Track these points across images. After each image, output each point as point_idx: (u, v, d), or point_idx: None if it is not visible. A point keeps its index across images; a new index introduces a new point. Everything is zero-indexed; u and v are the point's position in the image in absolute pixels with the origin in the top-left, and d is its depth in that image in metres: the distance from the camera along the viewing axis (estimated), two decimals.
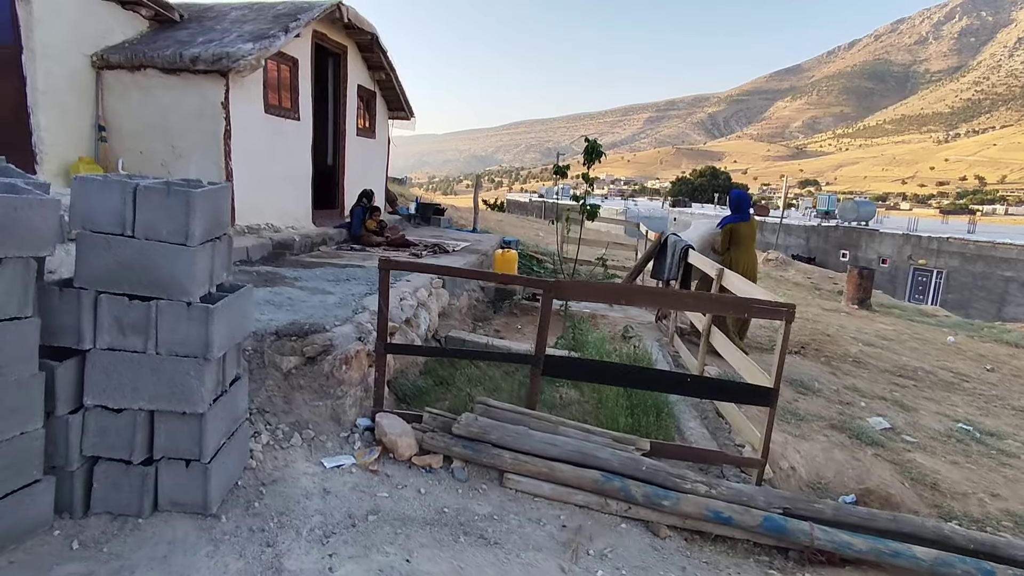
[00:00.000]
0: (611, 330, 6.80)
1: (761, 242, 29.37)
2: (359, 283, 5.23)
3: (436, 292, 5.82)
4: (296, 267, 5.84)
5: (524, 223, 23.43)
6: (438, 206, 11.34)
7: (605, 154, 5.87)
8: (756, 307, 3.15)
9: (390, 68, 9.54)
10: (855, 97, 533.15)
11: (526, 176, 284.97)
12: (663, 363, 5.19)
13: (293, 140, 7.37)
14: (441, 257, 7.50)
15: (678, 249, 6.01)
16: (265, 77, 6.66)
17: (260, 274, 5.23)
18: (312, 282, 5.09)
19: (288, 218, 7.40)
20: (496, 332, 6.41)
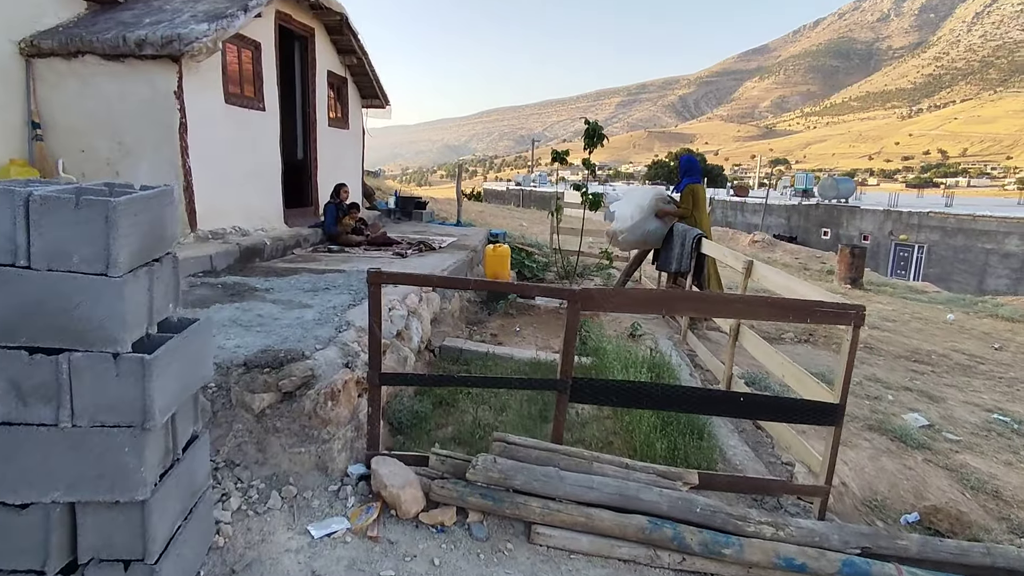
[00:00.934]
0: (616, 327, 6.31)
1: (743, 223, 29.22)
2: (340, 292, 4.62)
3: (427, 297, 5.24)
4: (268, 275, 5.19)
5: (505, 212, 22.83)
6: (419, 199, 10.69)
7: (607, 137, 5.33)
8: (821, 311, 2.65)
9: (362, 52, 8.83)
10: (821, 75, 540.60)
11: (500, 164, 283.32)
12: (684, 369, 4.70)
13: (259, 132, 6.67)
14: (428, 256, 6.90)
15: (689, 239, 5.50)
16: (224, 63, 5.94)
17: (226, 286, 4.58)
18: (286, 293, 4.46)
19: (257, 219, 6.71)
20: (493, 337, 5.86)
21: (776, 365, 3.40)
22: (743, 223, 29.25)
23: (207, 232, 5.76)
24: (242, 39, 6.27)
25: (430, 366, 4.85)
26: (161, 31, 5.12)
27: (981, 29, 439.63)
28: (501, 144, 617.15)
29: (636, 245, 6.89)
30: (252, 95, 6.57)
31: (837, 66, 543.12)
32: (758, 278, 3.99)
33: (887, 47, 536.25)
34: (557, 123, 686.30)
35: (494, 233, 9.88)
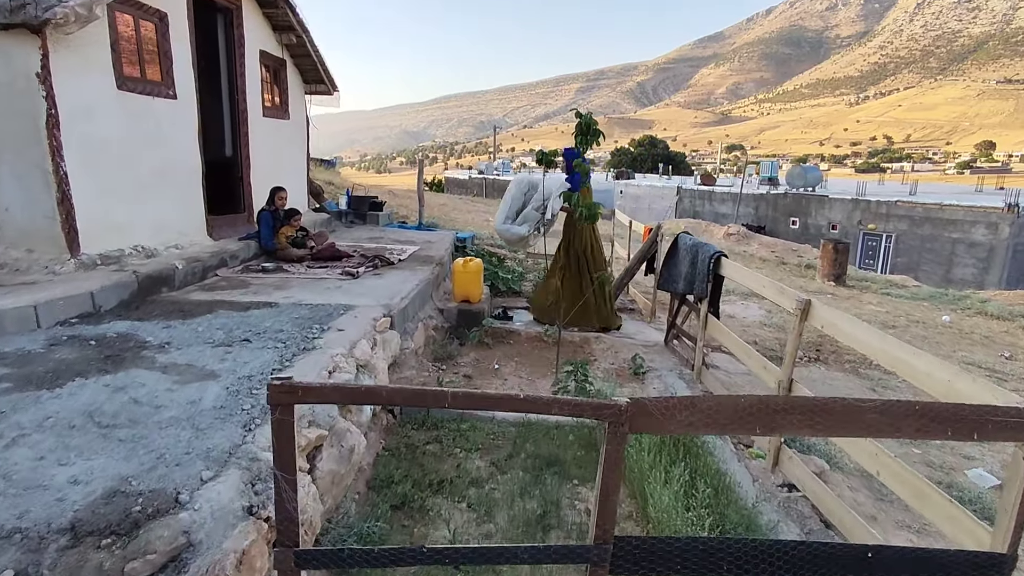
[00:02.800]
0: (612, 360, 5.31)
1: (711, 212, 28.75)
2: (264, 344, 3.45)
3: (383, 339, 4.11)
4: (170, 317, 3.96)
5: (469, 205, 21.62)
6: (374, 199, 9.44)
7: (603, 134, 4.29)
8: (996, 421, 1.68)
9: (302, 28, 7.52)
10: (774, 63, 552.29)
11: (461, 151, 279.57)
12: (728, 453, 3.72)
13: (168, 125, 5.36)
14: (385, 274, 5.74)
15: (706, 257, 4.52)
16: (114, 37, 4.62)
17: (104, 342, 3.35)
18: (187, 352, 3.27)
19: (170, 233, 5.43)
20: (467, 379, 4.77)
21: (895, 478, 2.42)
22: (711, 213, 28.75)
23: (95, 256, 4.47)
24: (140, 7, 4.95)
25: (388, 434, 3.74)
26: None
27: (922, 19, 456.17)
28: (461, 130, 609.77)
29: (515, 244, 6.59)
30: (158, 79, 5.25)
31: (789, 54, 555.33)
32: (822, 324, 3.03)
33: (835, 36, 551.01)
34: (517, 109, 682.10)
35: (461, 237, 8.75)
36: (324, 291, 4.93)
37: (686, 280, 4.97)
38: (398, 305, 4.61)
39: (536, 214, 6.14)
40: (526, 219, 6.23)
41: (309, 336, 3.63)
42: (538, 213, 6.11)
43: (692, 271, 4.84)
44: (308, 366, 3.13)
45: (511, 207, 6.37)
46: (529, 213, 6.23)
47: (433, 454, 3.49)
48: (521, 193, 6.40)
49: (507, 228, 6.18)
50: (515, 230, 6.13)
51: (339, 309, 4.32)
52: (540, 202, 6.08)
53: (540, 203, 6.08)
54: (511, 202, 6.38)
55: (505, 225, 6.23)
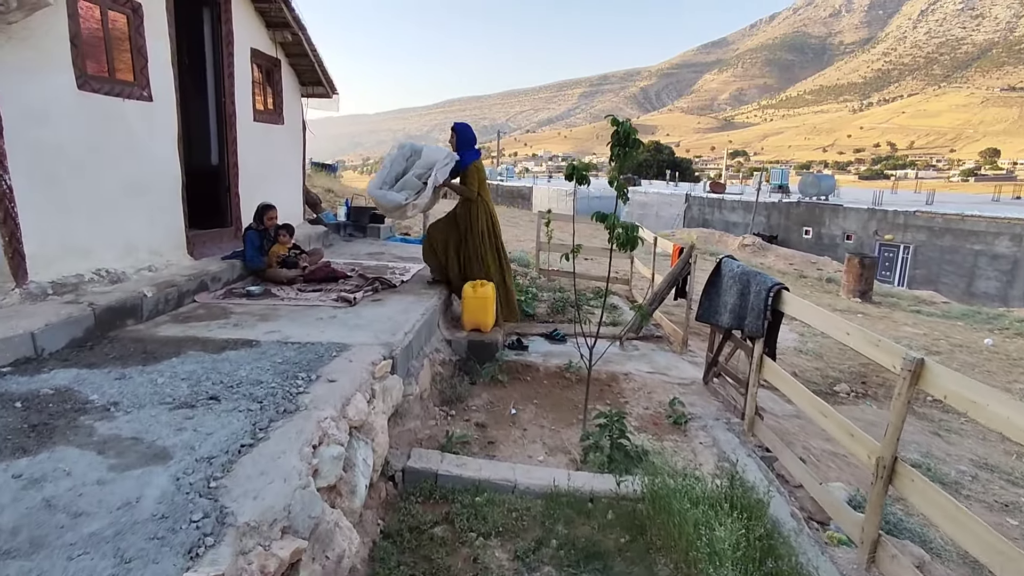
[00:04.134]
0: (646, 404, 4.63)
1: (721, 221, 28.09)
2: (237, 401, 2.79)
3: (382, 389, 3.45)
4: (129, 361, 3.30)
5: None
6: (375, 210, 8.77)
7: (643, 143, 3.63)
8: None
9: (298, 25, 6.88)
10: (777, 69, 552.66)
11: None
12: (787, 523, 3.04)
13: (142, 130, 4.71)
14: (387, 299, 5.08)
15: (761, 290, 3.85)
16: (75, 29, 3.98)
17: (34, 402, 2.69)
18: (139, 415, 2.61)
19: (141, 254, 4.77)
20: (481, 431, 4.09)
21: None
22: (721, 222, 28.06)
23: (46, 285, 3.81)
24: None
25: (388, 509, 3.07)
26: None
27: (926, 26, 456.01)
28: None
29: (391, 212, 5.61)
30: (129, 78, 4.60)
31: (792, 60, 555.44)
32: (944, 394, 2.36)
33: (839, 42, 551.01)
34: (520, 113, 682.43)
35: None
36: (316, 323, 4.27)
37: (733, 313, 4.29)
38: (401, 342, 3.94)
39: (417, 182, 5.35)
40: (405, 186, 5.38)
41: (292, 391, 2.96)
42: (419, 182, 5.35)
43: (741, 303, 4.17)
44: (287, 438, 2.46)
45: (389, 172, 5.48)
46: (409, 180, 5.38)
47: (442, 541, 2.82)
48: (403, 158, 5.53)
49: (383, 194, 5.35)
50: (391, 197, 5.31)
51: (332, 349, 3.65)
52: (424, 169, 5.35)
53: (424, 171, 5.35)
54: (390, 166, 5.52)
55: (381, 191, 5.37)
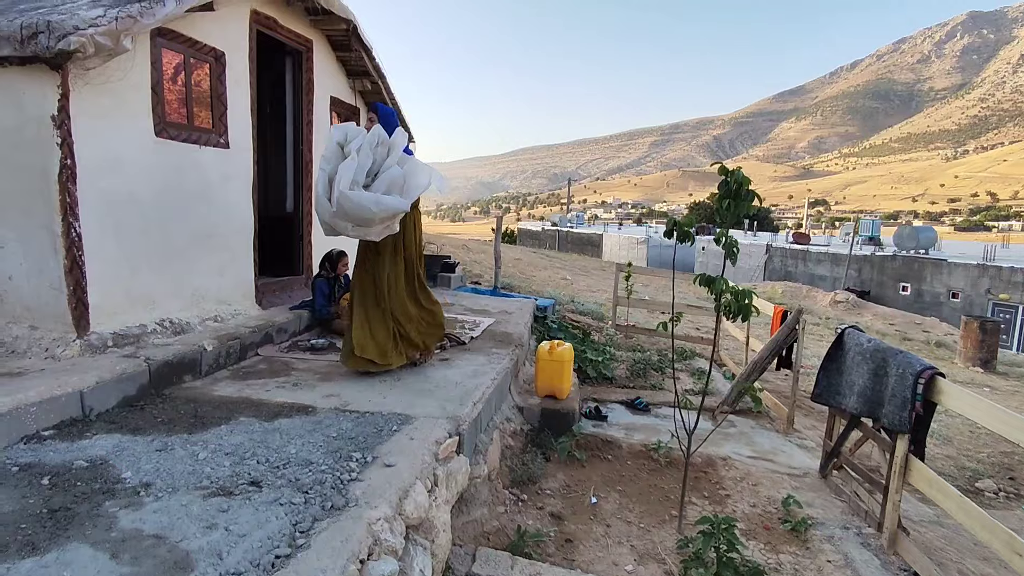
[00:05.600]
0: (752, 500, 3.90)
1: (805, 274, 26.41)
2: (279, 490, 2.39)
3: (446, 474, 2.97)
4: (176, 426, 3.01)
5: (544, 261, 20.63)
6: (447, 259, 8.54)
7: (759, 196, 3.09)
8: None
9: (377, 74, 6.86)
10: (860, 117, 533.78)
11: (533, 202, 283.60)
12: None
13: (217, 178, 4.63)
14: (455, 358, 4.66)
15: (907, 373, 3.13)
16: (156, 77, 3.95)
17: (63, 477, 2.39)
18: (169, 504, 2.25)
19: (208, 303, 4.62)
20: (556, 523, 3.52)
21: None
22: (805, 274, 26.38)
23: (107, 336, 3.65)
24: (193, 45, 4.29)
25: None
26: (27, 19, 3.12)
27: None
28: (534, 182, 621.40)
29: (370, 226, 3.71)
30: (208, 125, 4.56)
31: (876, 107, 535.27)
32: None
33: (928, 88, 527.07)
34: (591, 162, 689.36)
35: (542, 306, 7.64)
36: (378, 386, 3.89)
37: (862, 397, 3.56)
38: (469, 415, 3.47)
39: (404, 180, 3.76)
40: (394, 187, 3.69)
41: (344, 478, 2.54)
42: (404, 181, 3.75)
43: (877, 387, 3.44)
44: (331, 548, 2.02)
45: (361, 166, 3.61)
46: (395, 175, 3.68)
47: None
48: (370, 145, 3.69)
49: (374, 199, 3.55)
50: (389, 203, 3.58)
51: (392, 421, 3.23)
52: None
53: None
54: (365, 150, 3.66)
55: (370, 194, 3.56)
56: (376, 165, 3.73)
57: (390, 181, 3.68)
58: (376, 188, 3.64)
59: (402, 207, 3.68)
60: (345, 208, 3.55)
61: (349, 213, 3.57)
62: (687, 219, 3.18)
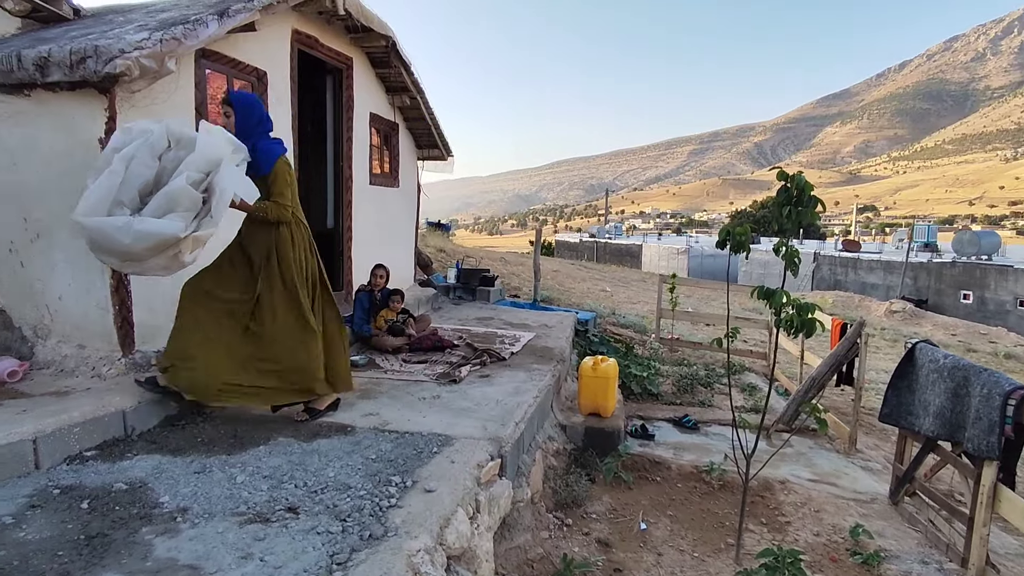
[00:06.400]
0: (815, 528, 3.62)
1: (856, 283, 25.36)
2: (316, 517, 2.30)
3: (490, 495, 2.84)
4: (215, 447, 2.97)
5: (582, 272, 20.39)
6: (486, 272, 8.46)
7: (822, 202, 2.88)
8: None
9: (416, 90, 6.88)
10: (909, 119, 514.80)
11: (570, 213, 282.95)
12: None
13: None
14: (495, 375, 4.54)
15: (994, 393, 2.85)
16: (199, 98, 4.00)
17: (102, 501, 2.36)
18: (205, 530, 2.18)
19: None
20: (603, 548, 3.33)
21: None
22: (856, 283, 25.30)
23: (151, 355, 3.66)
24: (235, 65, 4.35)
25: None
26: (76, 44, 3.19)
27: None
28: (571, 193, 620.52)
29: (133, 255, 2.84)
30: None
31: (928, 108, 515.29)
32: None
33: (984, 87, 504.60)
34: (628, 172, 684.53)
35: (583, 319, 7.46)
36: (417, 404, 3.80)
37: (940, 419, 3.27)
38: (511, 436, 3.34)
39: (196, 195, 2.85)
40: (174, 204, 2.81)
41: (383, 504, 2.43)
42: (199, 194, 2.87)
43: (957, 408, 3.15)
44: None
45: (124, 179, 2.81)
46: (179, 192, 2.80)
47: None
48: (151, 153, 2.89)
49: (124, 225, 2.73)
50: (150, 228, 2.74)
51: (432, 443, 3.12)
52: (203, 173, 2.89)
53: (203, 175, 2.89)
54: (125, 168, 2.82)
55: (111, 219, 2.75)
56: (164, 176, 2.87)
57: (170, 198, 2.77)
58: (147, 210, 2.78)
59: (171, 233, 2.75)
60: (92, 238, 2.80)
61: (100, 245, 2.80)
62: (742, 228, 2.97)
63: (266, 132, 3.34)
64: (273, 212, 3.22)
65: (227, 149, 3.03)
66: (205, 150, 2.92)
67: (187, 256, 2.94)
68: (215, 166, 2.93)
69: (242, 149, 3.13)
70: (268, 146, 3.28)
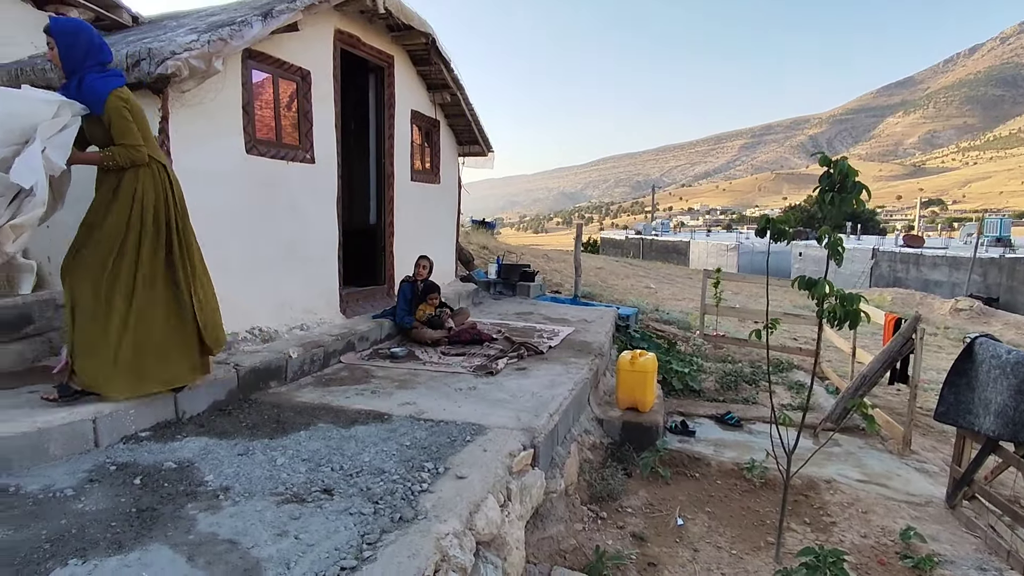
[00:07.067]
0: (863, 530, 3.47)
1: (918, 280, 24.10)
2: (350, 499, 2.36)
3: (520, 488, 2.84)
4: (258, 431, 3.09)
5: (627, 269, 20.13)
6: (526, 268, 8.47)
7: (867, 188, 2.74)
8: None
9: (456, 86, 6.94)
10: (980, 107, 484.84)
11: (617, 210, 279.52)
12: None
13: (302, 192, 4.81)
14: (532, 367, 4.55)
15: None
16: (246, 97, 4.15)
17: (153, 478, 2.49)
18: (245, 508, 2.28)
19: (295, 312, 4.79)
20: (637, 542, 3.29)
21: None
22: (918, 280, 24.01)
23: None
24: (281, 65, 4.49)
25: None
26: (131, 48, 3.36)
27: None
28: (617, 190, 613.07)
29: None
30: (295, 142, 4.75)
31: (1001, 95, 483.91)
32: None
33: None
34: (675, 168, 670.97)
35: (624, 314, 7.38)
36: (454, 394, 3.84)
37: (1003, 417, 3.08)
38: (544, 426, 3.34)
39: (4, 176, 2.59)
40: None
41: (415, 488, 2.48)
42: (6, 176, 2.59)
43: (1018, 406, 2.96)
44: (396, 563, 1.94)
45: None
46: None
47: None
48: None
49: None
50: None
51: (466, 431, 3.16)
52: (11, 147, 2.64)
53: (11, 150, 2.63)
54: None
55: None
56: None
57: None
58: None
59: None
60: None
61: None
62: (783, 216, 2.87)
63: (99, 64, 2.87)
64: (122, 156, 2.83)
65: (45, 112, 2.69)
66: (7, 122, 2.62)
67: (9, 247, 2.66)
68: (29, 135, 2.62)
69: (69, 104, 2.78)
70: (93, 81, 2.81)
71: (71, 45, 2.81)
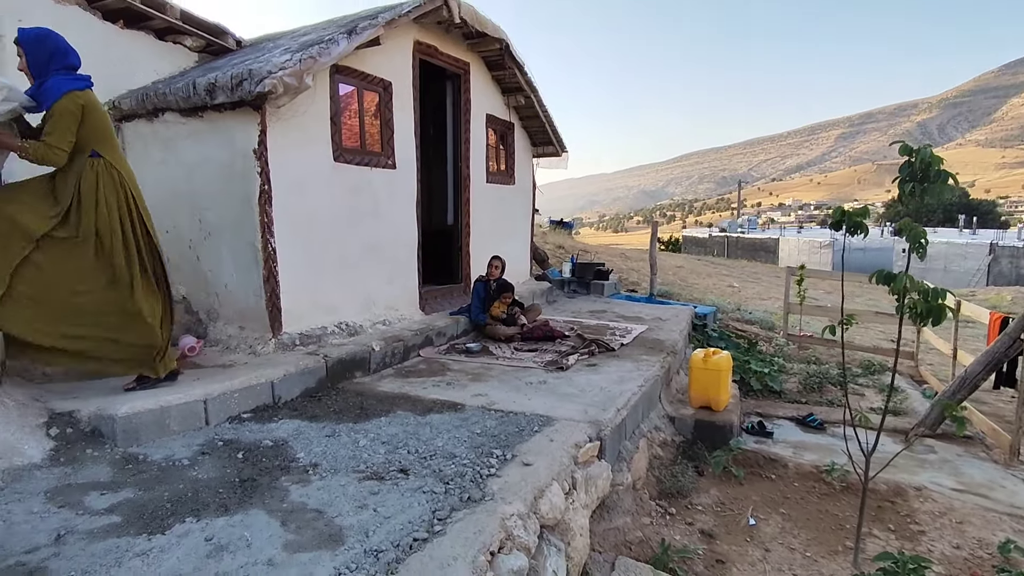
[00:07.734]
0: (956, 540, 3.27)
1: None
2: (424, 479, 2.55)
3: (585, 477, 2.93)
4: (343, 416, 3.37)
5: (709, 268, 19.50)
6: (600, 266, 8.48)
7: (954, 177, 2.59)
8: None
9: (530, 89, 7.09)
10: None
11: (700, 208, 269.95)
12: None
13: (385, 196, 5.12)
14: (603, 364, 4.60)
15: None
16: (334, 109, 4.50)
17: (253, 453, 2.80)
18: (331, 483, 2.52)
19: (378, 309, 5.10)
20: (706, 539, 3.28)
21: None
22: None
23: (295, 336, 4.21)
24: (364, 78, 4.82)
25: None
26: (235, 70, 3.76)
27: None
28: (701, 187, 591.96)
29: None
30: (378, 149, 5.07)
31: None
32: None
33: None
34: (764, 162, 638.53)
35: (701, 313, 7.23)
36: (524, 388, 3.98)
37: None
38: (612, 420, 3.40)
39: None
40: None
41: (483, 472, 2.63)
42: None
43: None
44: (463, 538, 2.10)
45: None
46: None
47: None
48: None
49: None
50: None
51: (534, 422, 3.28)
52: None
53: None
54: None
55: None
56: None
57: None
58: None
59: None
60: None
61: None
62: (859, 209, 2.78)
63: (64, 67, 2.91)
64: (35, 152, 2.81)
65: None
66: None
67: None
68: None
69: (12, 91, 2.84)
70: (53, 83, 2.85)
71: (36, 51, 2.88)
